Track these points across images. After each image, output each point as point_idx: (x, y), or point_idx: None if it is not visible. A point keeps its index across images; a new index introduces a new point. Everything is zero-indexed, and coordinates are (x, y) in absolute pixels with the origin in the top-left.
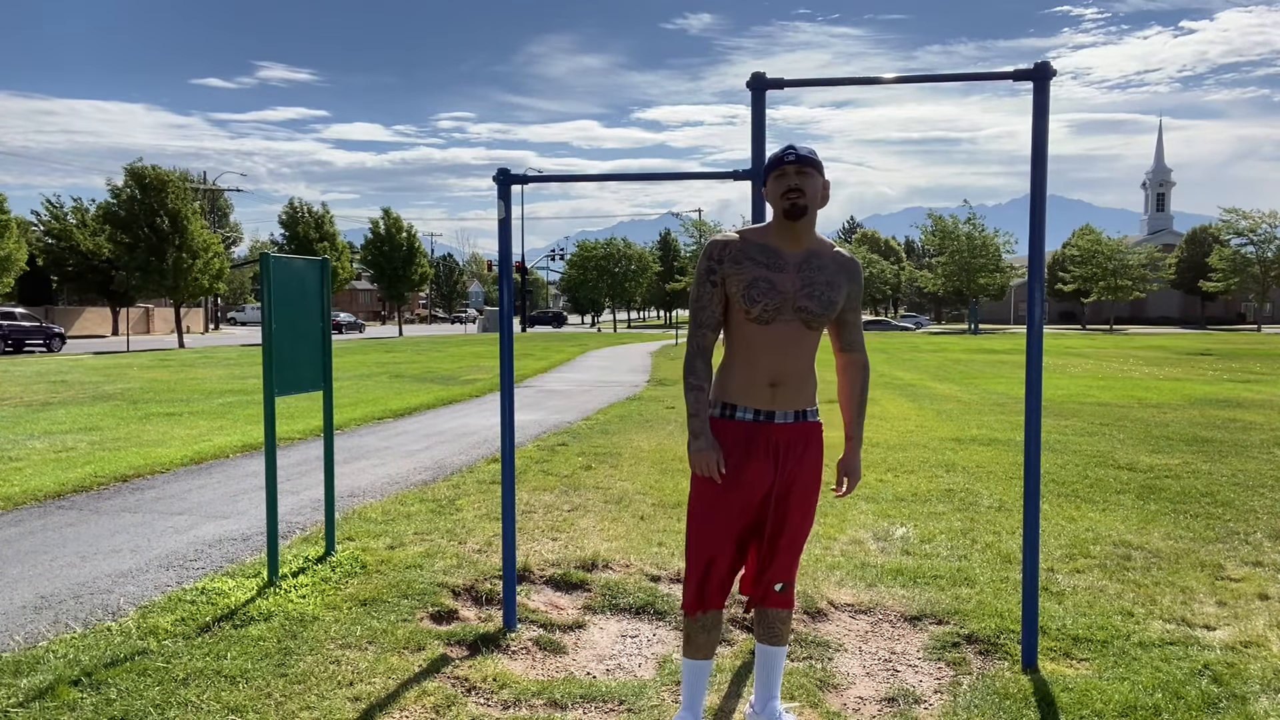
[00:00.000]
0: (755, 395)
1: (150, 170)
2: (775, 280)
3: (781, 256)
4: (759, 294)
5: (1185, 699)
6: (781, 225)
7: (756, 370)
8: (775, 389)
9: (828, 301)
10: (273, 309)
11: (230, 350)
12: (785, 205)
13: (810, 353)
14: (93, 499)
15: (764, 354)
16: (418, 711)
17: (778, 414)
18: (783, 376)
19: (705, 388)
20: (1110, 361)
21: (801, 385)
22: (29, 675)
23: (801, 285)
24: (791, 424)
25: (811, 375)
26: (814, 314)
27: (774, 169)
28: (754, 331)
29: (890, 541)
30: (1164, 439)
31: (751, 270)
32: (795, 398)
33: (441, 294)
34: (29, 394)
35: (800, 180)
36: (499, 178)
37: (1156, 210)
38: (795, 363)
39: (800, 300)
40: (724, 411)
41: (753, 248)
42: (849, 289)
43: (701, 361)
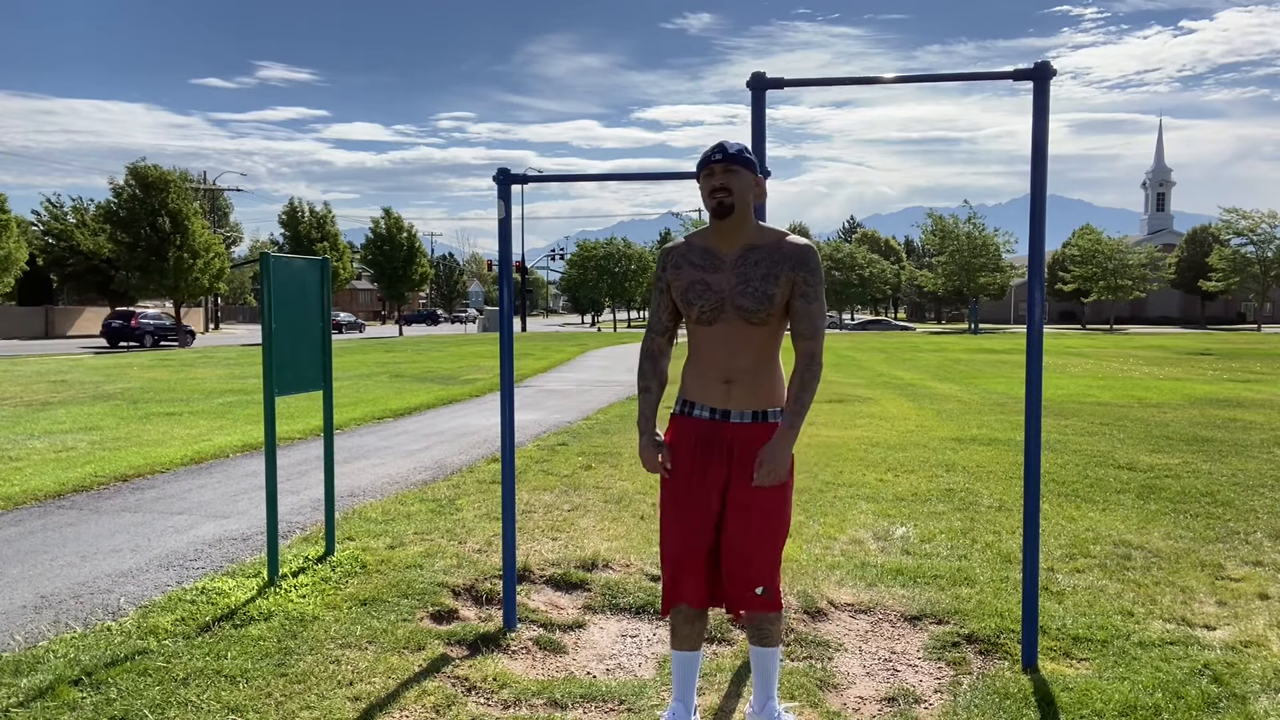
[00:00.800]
0: (711, 393)
1: (153, 170)
2: (710, 281)
3: (717, 257)
4: (695, 296)
5: (1185, 699)
6: (715, 226)
7: (709, 369)
8: (730, 387)
9: (762, 296)
10: (273, 309)
11: (230, 350)
12: (712, 205)
13: (764, 350)
14: (93, 499)
15: (713, 353)
16: (418, 711)
17: (733, 413)
18: (735, 375)
19: (652, 389)
20: (1110, 361)
21: (757, 384)
22: (29, 675)
23: (736, 283)
24: (749, 424)
25: (769, 374)
26: (750, 310)
27: (702, 168)
28: (701, 332)
29: (890, 541)
30: (1164, 439)
31: (689, 274)
32: (752, 397)
33: (441, 294)
34: (29, 394)
35: (726, 179)
36: (499, 177)
37: (1157, 210)
38: (746, 360)
39: (736, 298)
40: (683, 408)
41: (694, 251)
42: (792, 276)
43: (649, 364)
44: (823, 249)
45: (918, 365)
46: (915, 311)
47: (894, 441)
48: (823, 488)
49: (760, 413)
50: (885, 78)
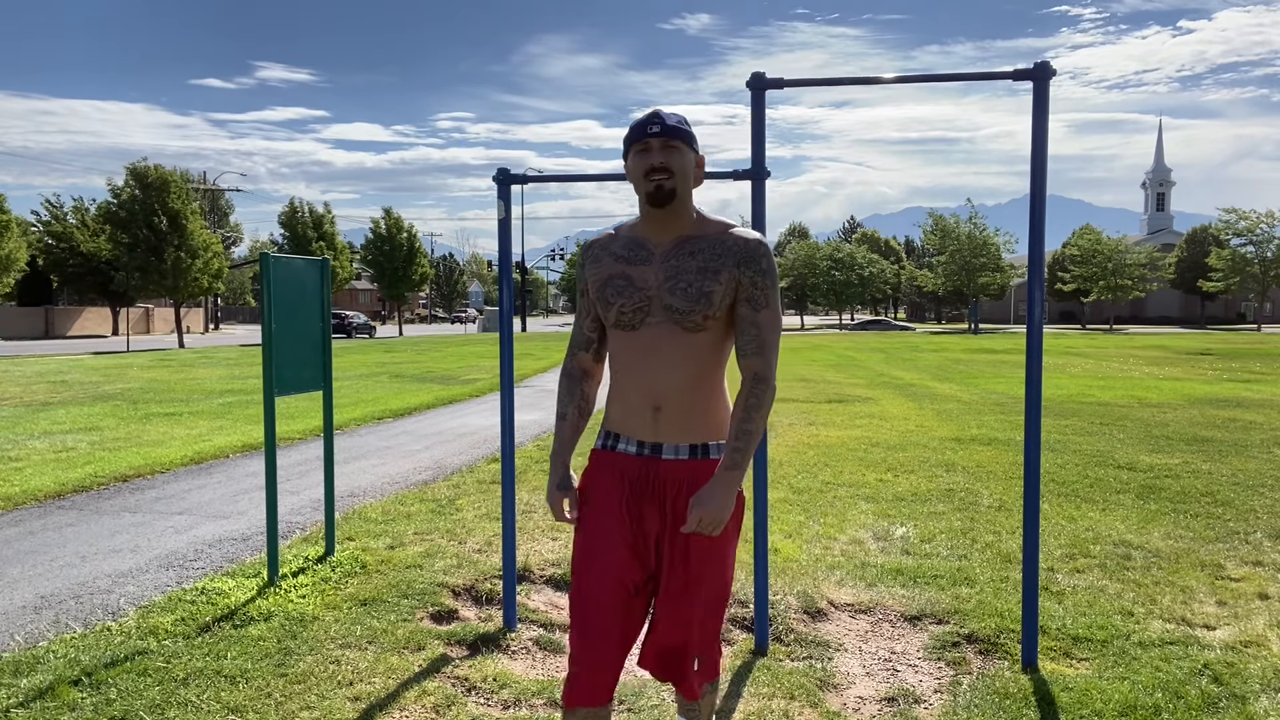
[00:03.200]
0: (637, 423)
1: (152, 170)
2: (633, 274)
3: (646, 248)
4: (613, 292)
5: (1185, 699)
6: (647, 212)
7: (633, 390)
8: (659, 414)
9: (698, 293)
10: (273, 309)
11: (230, 350)
12: (649, 188)
13: (703, 365)
14: (93, 499)
15: (638, 368)
16: (418, 711)
17: (665, 448)
18: (665, 397)
19: (569, 415)
20: (1110, 361)
21: (695, 409)
22: (29, 675)
23: (665, 278)
24: (684, 461)
25: (710, 397)
26: (683, 311)
27: (635, 141)
28: (622, 342)
29: (890, 541)
30: (1164, 439)
31: (609, 266)
32: (686, 426)
33: (441, 294)
34: (29, 394)
35: (667, 157)
36: (499, 177)
37: (1156, 210)
38: (679, 378)
39: (664, 296)
40: (606, 441)
41: (618, 242)
42: (737, 275)
43: (569, 385)
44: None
45: (918, 365)
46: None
47: (894, 441)
48: (823, 488)
49: (699, 446)
50: (885, 78)
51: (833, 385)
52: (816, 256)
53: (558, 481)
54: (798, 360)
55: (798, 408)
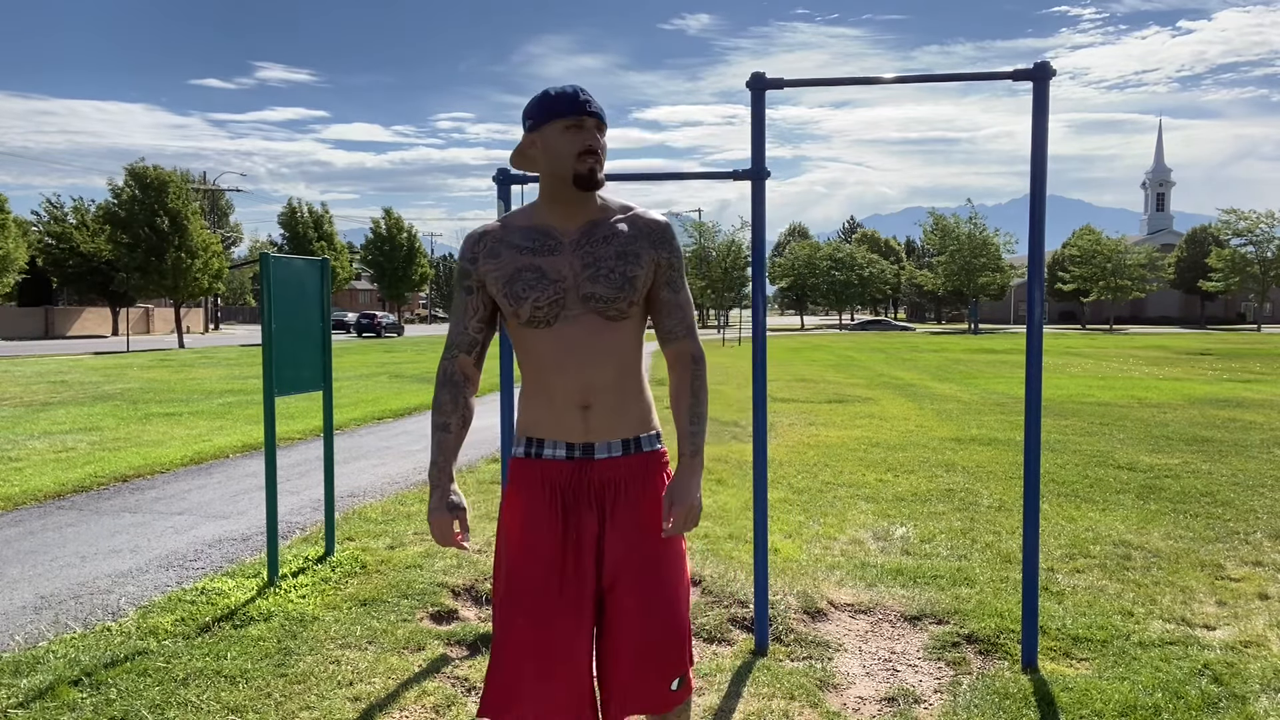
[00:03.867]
0: (564, 425)
1: (152, 170)
2: (545, 266)
3: (553, 235)
4: (525, 287)
5: (1185, 699)
6: (559, 196)
7: (556, 391)
8: (589, 412)
9: (622, 279)
10: (273, 309)
11: (230, 350)
12: (582, 169)
13: (626, 355)
14: (93, 499)
15: (559, 367)
16: (418, 711)
17: (598, 446)
18: (593, 394)
19: (451, 425)
20: (1110, 361)
21: (624, 402)
22: (29, 675)
23: (583, 265)
24: (620, 458)
25: (636, 387)
26: (607, 299)
27: (561, 115)
28: (538, 340)
29: (890, 541)
30: (1164, 439)
31: (513, 260)
32: (618, 421)
33: (441, 294)
34: (29, 394)
35: (599, 139)
36: (499, 177)
37: (1156, 210)
38: (606, 371)
39: (585, 285)
40: (529, 449)
41: (515, 233)
42: (655, 258)
43: (449, 393)
44: (822, 249)
45: (918, 365)
46: (915, 311)
47: (894, 441)
48: (823, 488)
49: (631, 441)
50: (885, 78)
51: (833, 385)
52: (816, 257)
53: (445, 500)
54: (798, 360)
55: (798, 408)
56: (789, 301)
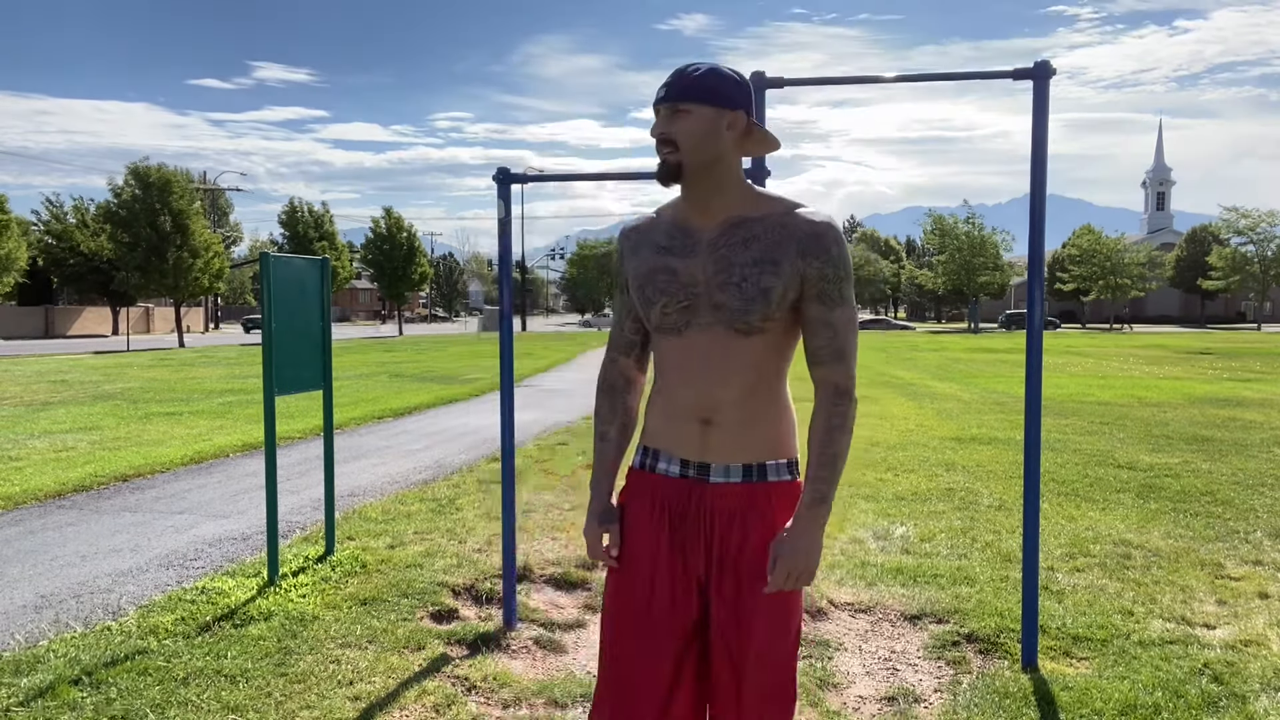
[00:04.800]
0: (682, 439)
1: (154, 170)
2: (678, 268)
3: (690, 234)
4: (655, 291)
5: (1185, 698)
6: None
7: (678, 401)
8: (708, 429)
9: (754, 290)
10: (273, 308)
11: (230, 350)
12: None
13: (759, 373)
14: (93, 498)
15: (683, 377)
16: (418, 711)
17: (714, 468)
18: (716, 409)
19: (611, 435)
20: (1110, 360)
21: (750, 422)
22: (30, 674)
23: (715, 270)
24: (738, 484)
25: (769, 408)
26: (736, 311)
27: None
28: (667, 347)
29: (890, 540)
30: (1164, 438)
31: (650, 259)
32: (740, 443)
33: (441, 293)
34: (29, 394)
35: (669, 125)
36: (499, 177)
37: (1156, 209)
38: (731, 389)
39: (714, 293)
40: (644, 460)
41: (659, 229)
42: (801, 267)
43: (609, 400)
44: None
45: (918, 364)
46: (915, 311)
47: (894, 441)
48: None
49: (755, 467)
50: (885, 77)
51: None
52: None
53: (599, 513)
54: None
55: (797, 407)
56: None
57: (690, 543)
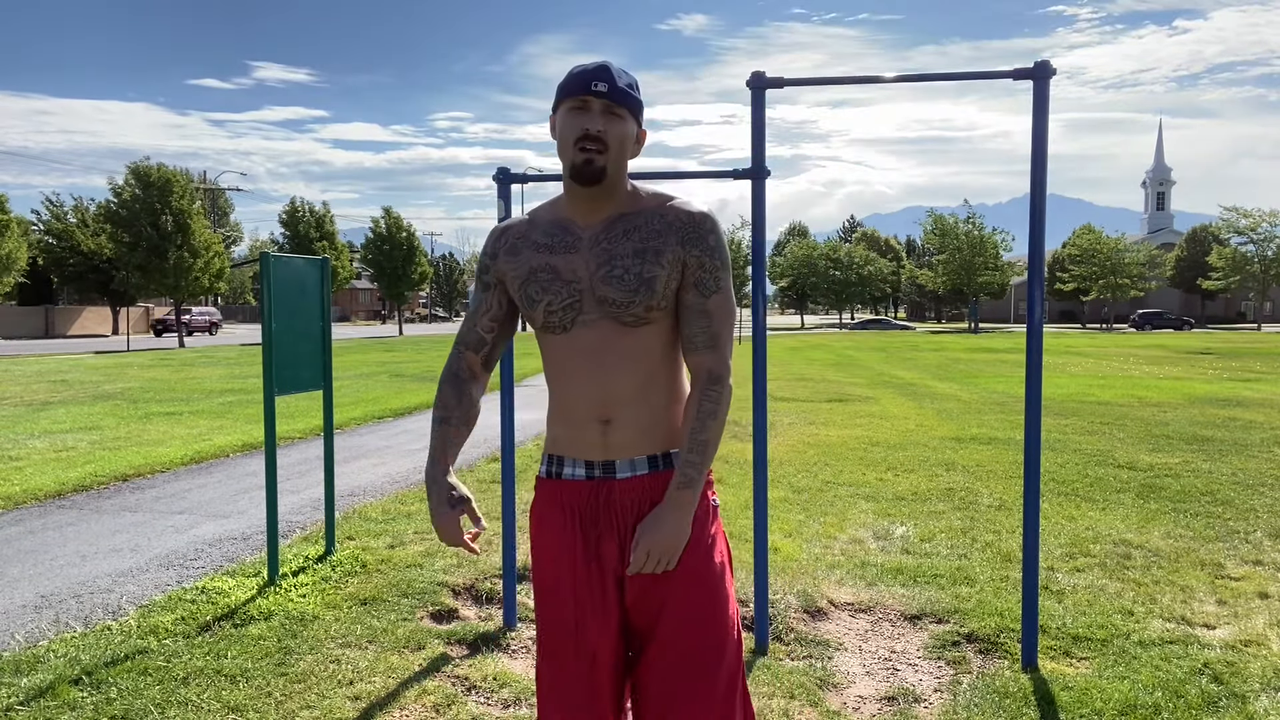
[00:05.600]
0: (584, 441)
1: (155, 169)
2: (559, 265)
3: (571, 231)
4: (538, 289)
5: (1185, 698)
6: (572, 188)
7: (576, 403)
8: (609, 428)
9: (638, 280)
10: (273, 308)
11: (230, 349)
12: (577, 159)
13: (652, 365)
14: (93, 498)
15: (577, 376)
16: (418, 710)
17: (619, 464)
18: (614, 407)
19: (451, 419)
20: (1110, 360)
21: (651, 415)
22: (30, 674)
23: (597, 265)
24: (644, 476)
25: (669, 398)
26: (620, 304)
27: (571, 95)
28: (555, 346)
29: (890, 540)
30: (1164, 438)
31: (530, 258)
32: (643, 437)
33: (442, 293)
34: (29, 393)
35: (607, 124)
36: (499, 177)
37: (1157, 209)
38: (627, 383)
39: (598, 287)
40: (550, 469)
41: (537, 228)
42: (682, 255)
43: (452, 389)
44: (820, 248)
45: (918, 364)
46: (915, 311)
47: (894, 441)
48: (822, 487)
49: (659, 457)
50: (885, 77)
51: (833, 384)
52: (814, 256)
53: (444, 496)
54: (798, 359)
55: (798, 407)
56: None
57: (604, 541)
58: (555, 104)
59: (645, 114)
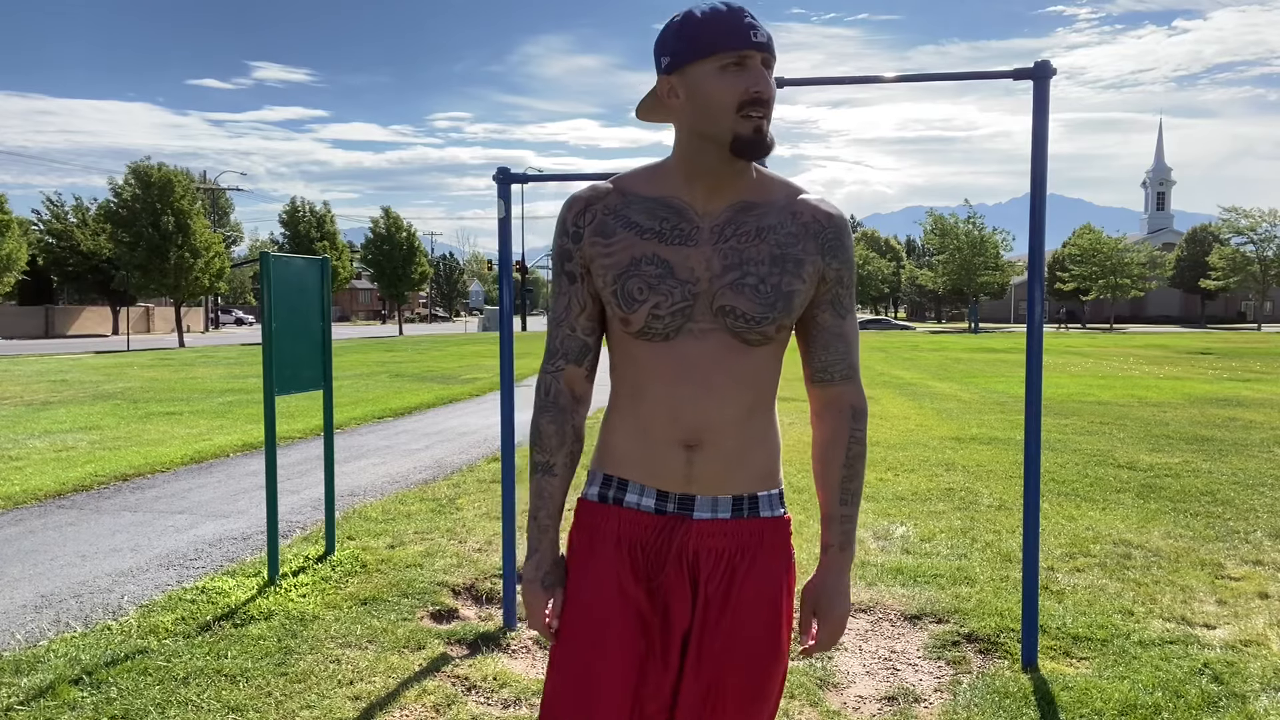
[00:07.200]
0: (660, 466)
1: (156, 169)
2: (674, 260)
3: (687, 217)
4: (643, 286)
5: (1185, 698)
6: (705, 164)
7: (657, 420)
8: (694, 454)
9: (775, 294)
10: (273, 308)
11: (230, 349)
12: (744, 130)
13: (759, 391)
14: (93, 498)
15: (668, 391)
16: (418, 710)
17: (699, 501)
18: (706, 432)
19: (555, 465)
20: (1110, 360)
21: (746, 447)
22: (30, 674)
23: (724, 266)
24: (728, 521)
25: (765, 432)
26: (750, 319)
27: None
28: (648, 354)
29: (890, 540)
30: (1164, 438)
31: (630, 243)
32: (733, 470)
33: (442, 293)
34: (29, 393)
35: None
36: (499, 177)
37: (1157, 209)
38: (728, 408)
39: (724, 294)
40: (604, 491)
41: (636, 205)
42: (823, 268)
43: (553, 419)
44: None
45: (918, 364)
46: (915, 311)
47: (894, 440)
48: None
49: (745, 500)
50: (885, 77)
51: None
52: None
53: (543, 570)
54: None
55: (798, 407)
56: None
57: (673, 595)
58: (681, 59)
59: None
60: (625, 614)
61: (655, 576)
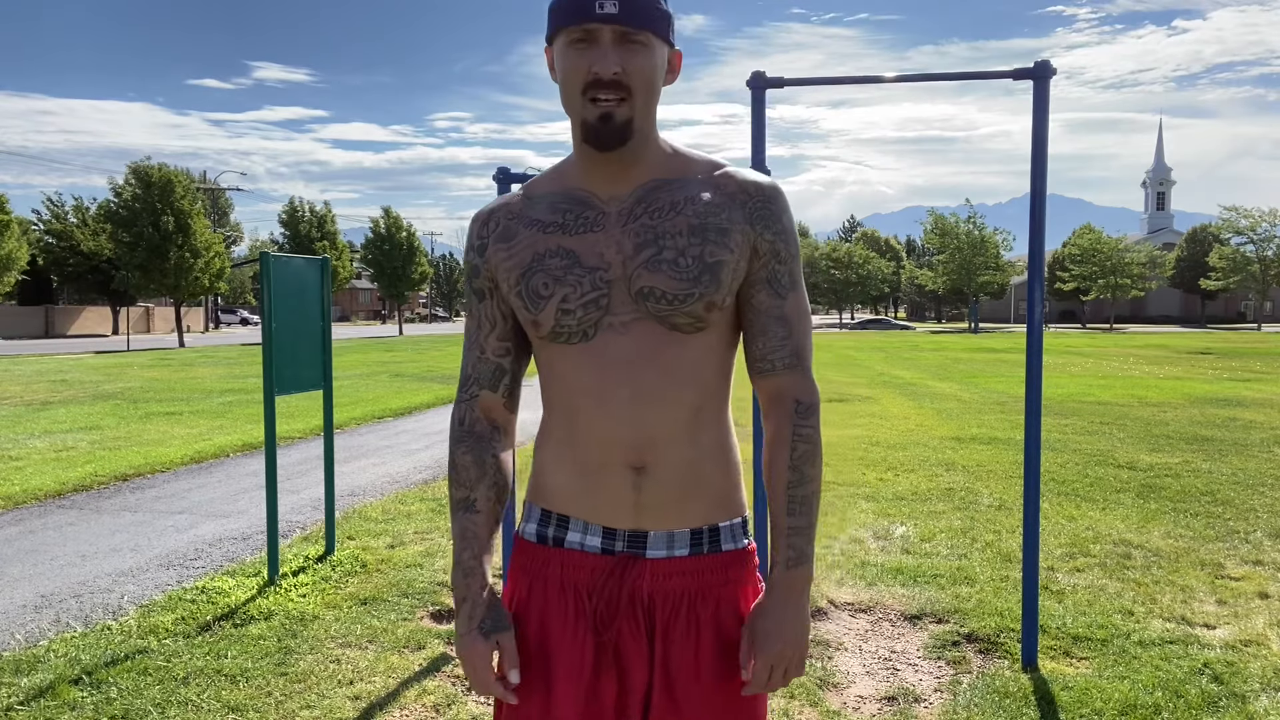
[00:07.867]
0: (604, 497)
1: (156, 169)
2: (580, 249)
3: (590, 205)
4: (548, 281)
5: (1185, 698)
6: (586, 155)
7: (593, 440)
8: (642, 479)
9: (699, 265)
10: (273, 308)
11: (230, 349)
12: (590, 115)
13: (704, 390)
14: (93, 498)
15: (599, 403)
16: (418, 710)
17: (652, 538)
18: (652, 448)
19: (477, 501)
20: (1110, 360)
21: (699, 466)
22: (30, 674)
23: (637, 246)
24: (686, 559)
25: (719, 439)
26: (673, 297)
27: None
28: (568, 360)
29: (890, 540)
30: (1164, 438)
31: (530, 241)
32: (689, 497)
33: (442, 293)
34: (29, 393)
35: (625, 59)
36: (499, 177)
37: (1157, 209)
38: (674, 412)
39: (640, 276)
40: (542, 529)
41: (538, 204)
42: (754, 238)
43: (469, 453)
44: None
45: (918, 364)
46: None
47: (894, 440)
48: (822, 486)
49: (706, 532)
50: (885, 77)
51: (833, 384)
52: (815, 255)
53: (477, 619)
54: None
55: None
56: None
57: (628, 650)
58: (549, 34)
59: None
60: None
61: (605, 630)
